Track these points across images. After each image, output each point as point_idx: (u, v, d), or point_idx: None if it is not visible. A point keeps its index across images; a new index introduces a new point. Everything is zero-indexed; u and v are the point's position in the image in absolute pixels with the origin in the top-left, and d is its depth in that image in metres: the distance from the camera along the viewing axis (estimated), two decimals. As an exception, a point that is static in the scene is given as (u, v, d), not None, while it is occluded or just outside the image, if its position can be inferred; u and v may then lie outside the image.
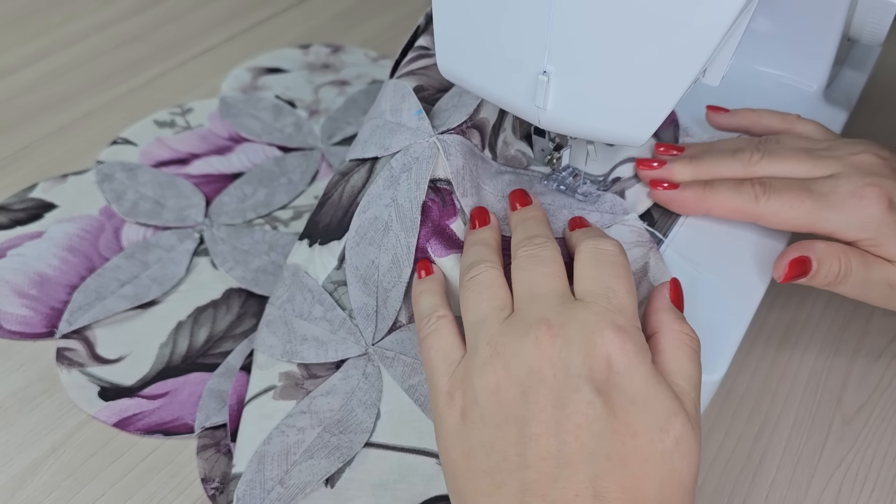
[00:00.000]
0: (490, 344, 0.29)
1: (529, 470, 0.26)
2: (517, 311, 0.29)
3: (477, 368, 0.28)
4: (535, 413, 0.27)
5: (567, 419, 0.26)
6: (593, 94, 0.31)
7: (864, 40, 0.43)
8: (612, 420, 0.26)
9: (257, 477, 0.33)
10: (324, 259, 0.38)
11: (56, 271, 0.44)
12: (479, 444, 0.27)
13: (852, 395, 0.40)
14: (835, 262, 0.35)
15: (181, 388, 0.39)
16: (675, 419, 0.27)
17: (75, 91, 0.57)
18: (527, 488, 0.26)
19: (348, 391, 0.35)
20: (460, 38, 0.33)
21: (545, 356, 0.27)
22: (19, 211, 0.47)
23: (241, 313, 0.42)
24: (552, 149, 0.40)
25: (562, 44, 0.30)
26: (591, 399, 0.26)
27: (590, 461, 0.26)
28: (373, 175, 0.37)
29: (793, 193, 0.35)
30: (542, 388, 0.27)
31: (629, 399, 0.27)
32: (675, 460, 0.26)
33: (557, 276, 0.30)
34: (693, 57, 0.29)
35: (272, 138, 0.53)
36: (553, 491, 0.25)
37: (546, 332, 0.28)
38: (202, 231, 0.47)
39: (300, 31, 0.65)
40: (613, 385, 0.27)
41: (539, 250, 0.31)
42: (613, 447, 0.26)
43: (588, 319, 0.28)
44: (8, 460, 0.36)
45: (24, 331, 0.41)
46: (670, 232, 0.39)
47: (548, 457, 0.26)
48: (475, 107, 0.37)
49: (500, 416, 0.27)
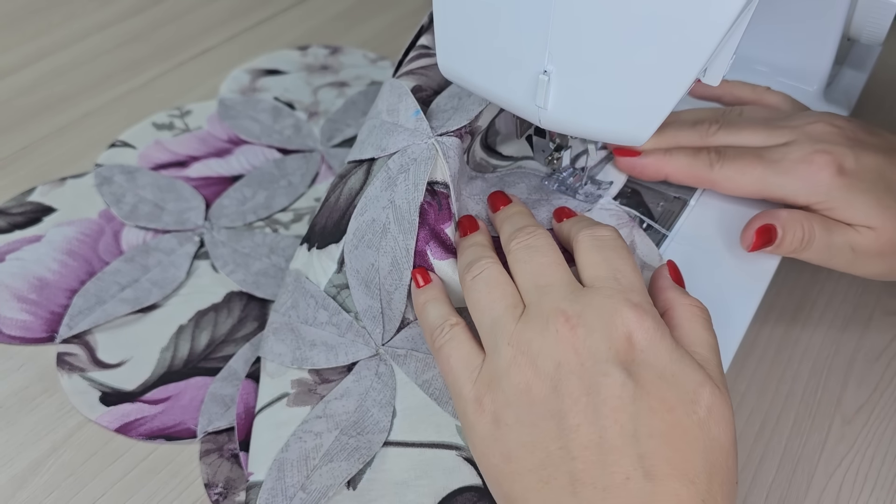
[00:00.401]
0: (511, 344, 0.28)
1: (575, 461, 0.26)
2: (529, 306, 0.29)
3: (503, 371, 0.28)
4: (570, 405, 0.27)
5: (603, 404, 0.26)
6: (594, 93, 0.31)
7: (864, 40, 0.43)
8: (646, 398, 0.26)
9: (278, 485, 0.33)
10: (323, 263, 0.37)
11: (56, 275, 0.44)
12: (519, 444, 0.27)
13: (852, 395, 0.40)
14: (798, 228, 0.36)
15: (183, 393, 0.39)
16: (703, 389, 0.27)
17: (74, 91, 0.57)
18: (576, 479, 0.26)
19: (362, 392, 0.35)
20: (461, 37, 0.33)
21: (569, 347, 0.27)
22: (18, 215, 0.47)
23: (243, 317, 0.42)
24: (553, 149, 0.40)
25: (562, 44, 0.30)
26: (623, 381, 0.27)
27: (633, 442, 0.26)
28: (370, 177, 0.36)
29: (745, 161, 0.37)
30: (572, 379, 0.27)
31: (658, 374, 0.27)
32: (712, 428, 0.27)
33: (558, 264, 0.30)
34: (693, 56, 0.29)
35: (271, 140, 0.53)
36: (603, 477, 0.26)
37: (565, 323, 0.28)
38: (202, 234, 0.46)
39: (299, 32, 0.65)
40: (640, 363, 0.27)
41: (532, 240, 0.31)
42: (653, 424, 0.26)
43: (603, 303, 0.28)
44: (8, 460, 0.36)
45: (24, 335, 0.41)
46: (669, 233, 0.39)
47: (591, 445, 0.26)
48: (477, 113, 0.37)
49: (536, 413, 0.27)
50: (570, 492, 0.26)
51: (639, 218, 0.39)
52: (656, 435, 0.26)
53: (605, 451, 0.26)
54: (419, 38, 0.42)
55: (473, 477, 0.32)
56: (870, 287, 0.45)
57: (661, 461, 0.26)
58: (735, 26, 0.29)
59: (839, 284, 0.46)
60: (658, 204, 0.40)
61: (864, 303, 0.45)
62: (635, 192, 0.41)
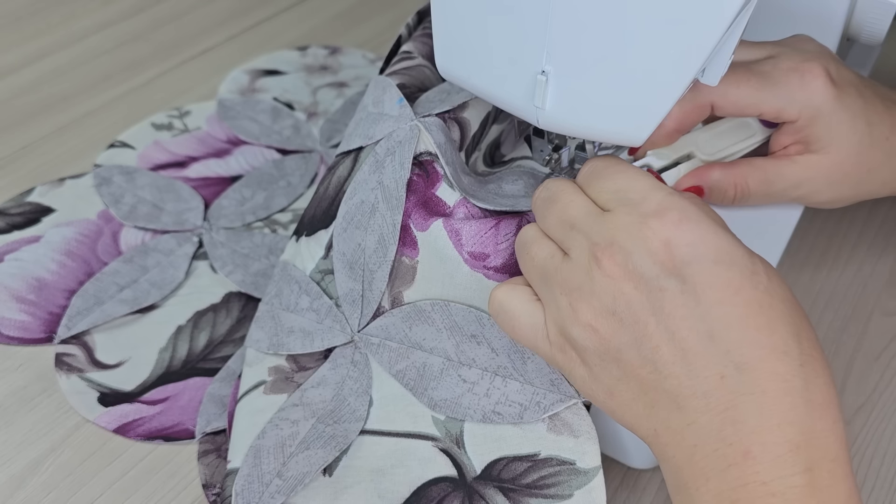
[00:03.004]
0: (563, 292, 0.29)
1: (668, 379, 0.26)
2: (568, 251, 0.29)
3: (567, 319, 0.29)
4: (641, 331, 0.27)
5: (670, 318, 0.26)
6: (592, 93, 0.31)
7: (864, 40, 0.43)
8: (708, 292, 0.26)
9: (254, 471, 0.33)
10: (311, 249, 0.38)
11: (54, 276, 0.44)
12: (614, 380, 0.28)
13: (851, 396, 0.40)
14: (729, 188, 0.37)
15: (181, 394, 0.39)
16: (755, 256, 0.27)
17: (74, 91, 0.57)
18: (676, 394, 0.26)
19: (338, 381, 0.35)
20: (459, 37, 0.33)
21: (616, 277, 0.27)
22: (17, 215, 0.47)
23: (241, 317, 0.42)
24: (551, 149, 0.40)
25: (560, 44, 0.30)
26: (680, 288, 0.27)
27: (713, 342, 0.26)
28: (357, 163, 0.37)
29: (737, 73, 0.36)
30: (633, 306, 0.27)
31: (712, 260, 0.27)
32: (777, 289, 0.27)
33: (573, 200, 0.30)
34: (692, 56, 0.29)
35: (270, 141, 0.53)
36: (700, 384, 0.26)
37: (602, 255, 0.28)
38: (201, 235, 0.46)
39: (298, 32, 0.65)
40: (689, 262, 0.27)
41: (545, 192, 0.32)
42: (726, 315, 0.26)
43: (626, 221, 0.28)
44: (7, 460, 0.36)
45: (23, 336, 0.41)
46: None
47: (676, 360, 0.26)
48: (462, 101, 0.37)
49: (614, 349, 0.28)
50: (676, 407, 0.26)
51: None
52: (732, 323, 0.26)
53: (690, 360, 0.26)
54: (399, 47, 0.43)
55: (448, 468, 0.33)
56: (869, 287, 0.45)
57: (747, 347, 0.26)
58: (733, 26, 0.29)
59: (838, 284, 0.45)
60: None
61: (862, 303, 0.44)
62: None
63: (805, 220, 0.48)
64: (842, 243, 0.48)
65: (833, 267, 0.47)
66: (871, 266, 0.47)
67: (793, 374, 0.25)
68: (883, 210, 0.50)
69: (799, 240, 0.48)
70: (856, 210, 0.50)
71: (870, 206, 0.50)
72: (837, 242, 0.48)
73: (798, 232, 0.46)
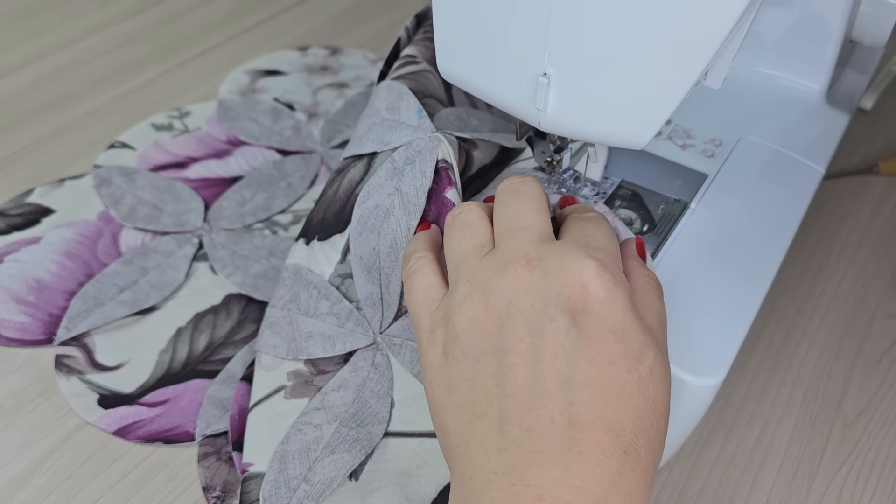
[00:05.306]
0: (470, 280, 0.29)
1: (507, 399, 0.26)
2: (497, 247, 0.29)
3: (457, 305, 0.29)
4: (513, 343, 0.27)
5: (544, 348, 0.26)
6: (594, 96, 0.31)
7: (867, 42, 0.43)
8: (588, 348, 0.26)
9: (281, 476, 0.33)
10: (326, 254, 0.38)
11: (54, 277, 0.44)
12: (461, 377, 0.28)
13: (853, 399, 0.40)
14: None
15: (181, 396, 0.39)
16: (649, 351, 0.27)
17: (74, 91, 0.57)
18: (504, 417, 0.26)
19: (359, 383, 0.36)
20: (460, 39, 0.33)
21: (523, 287, 0.28)
22: (16, 216, 0.47)
23: (241, 319, 0.42)
24: (552, 151, 0.40)
25: (562, 46, 0.30)
26: (568, 328, 0.27)
27: (565, 388, 0.26)
28: (372, 168, 0.37)
29: None
30: (519, 319, 0.27)
31: (608, 328, 0.27)
32: (650, 388, 0.27)
33: (538, 211, 0.30)
34: (695, 59, 0.29)
35: (271, 142, 0.53)
36: (529, 418, 0.26)
37: (524, 264, 0.28)
38: (201, 236, 0.46)
39: (299, 33, 0.65)
40: (591, 314, 0.27)
41: (520, 185, 0.31)
42: (590, 374, 0.26)
43: (567, 251, 0.28)
44: (6, 462, 0.36)
45: (23, 338, 0.41)
46: (669, 236, 0.39)
47: (524, 385, 0.26)
48: (478, 137, 0.37)
49: (480, 349, 0.28)
50: (497, 429, 0.26)
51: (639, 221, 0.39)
52: (591, 385, 0.26)
53: (536, 393, 0.26)
54: (399, 50, 0.43)
55: None
56: (871, 290, 0.45)
57: (589, 410, 0.26)
58: (737, 29, 0.29)
59: (840, 287, 0.45)
60: (659, 206, 0.40)
61: (864, 306, 0.44)
62: (635, 194, 0.40)
63: (807, 222, 0.48)
64: (844, 246, 0.48)
65: (835, 269, 0.47)
66: (873, 269, 0.47)
67: (613, 454, 0.25)
68: (885, 212, 0.50)
69: (801, 242, 0.48)
70: (858, 212, 0.50)
71: (872, 209, 0.50)
72: (839, 245, 0.48)
73: (800, 234, 0.46)
